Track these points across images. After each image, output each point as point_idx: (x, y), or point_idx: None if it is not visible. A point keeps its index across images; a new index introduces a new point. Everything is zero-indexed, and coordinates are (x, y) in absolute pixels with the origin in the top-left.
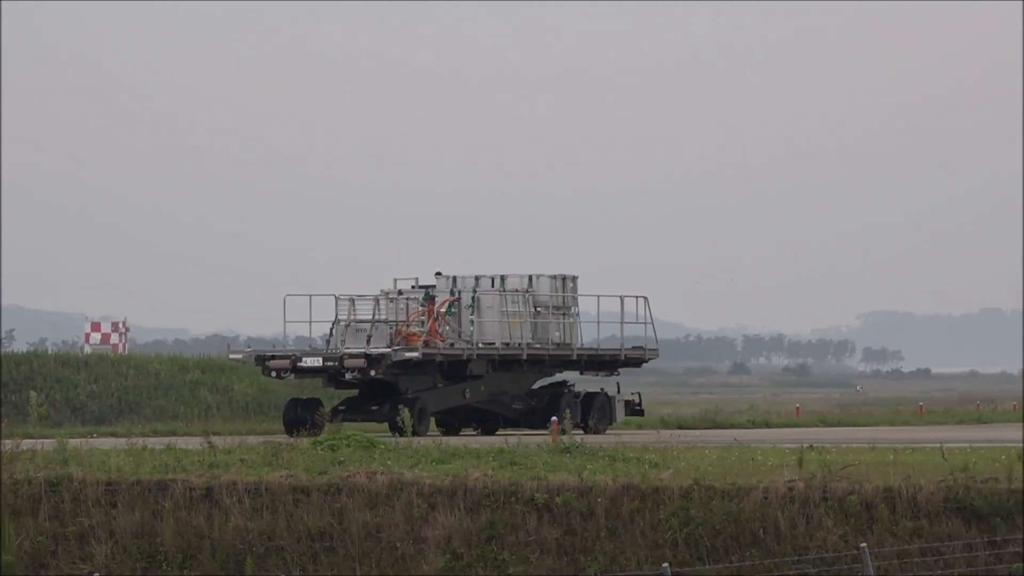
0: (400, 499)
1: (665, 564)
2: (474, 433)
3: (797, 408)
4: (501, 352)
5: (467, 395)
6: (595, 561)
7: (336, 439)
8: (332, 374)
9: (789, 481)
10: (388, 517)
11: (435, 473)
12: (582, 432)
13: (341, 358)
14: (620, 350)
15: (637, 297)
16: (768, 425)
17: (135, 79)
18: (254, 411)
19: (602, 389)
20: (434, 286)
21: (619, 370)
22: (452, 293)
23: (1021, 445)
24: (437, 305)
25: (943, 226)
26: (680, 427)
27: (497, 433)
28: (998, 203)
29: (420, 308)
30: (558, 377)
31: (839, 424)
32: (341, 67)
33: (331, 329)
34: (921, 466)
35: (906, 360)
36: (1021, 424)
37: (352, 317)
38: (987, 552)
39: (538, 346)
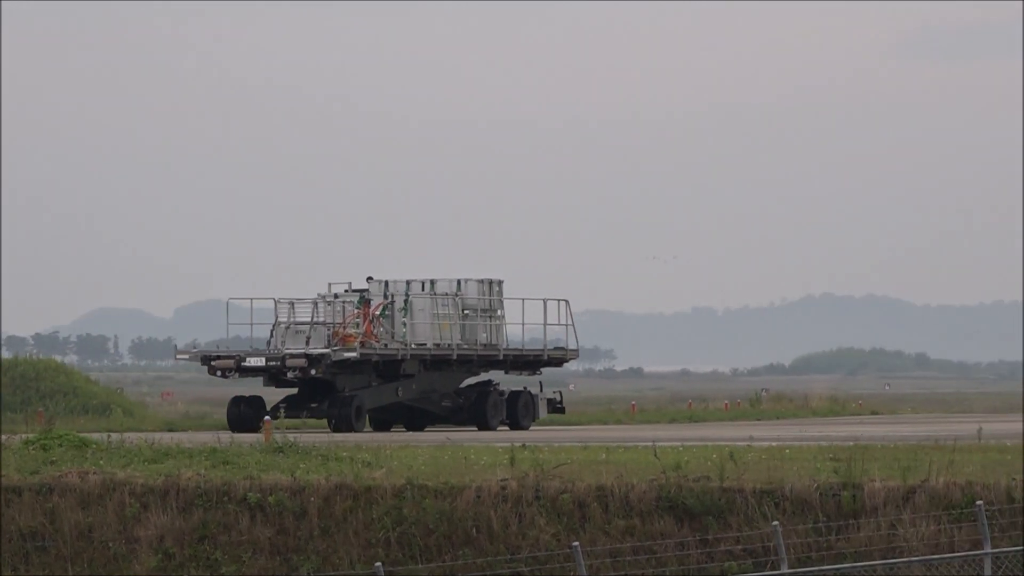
0: (112, 499)
1: (378, 564)
2: (402, 430)
3: None
4: (433, 353)
5: (399, 393)
6: (308, 560)
7: (48, 438)
8: (273, 373)
9: (502, 480)
10: (100, 517)
11: (147, 473)
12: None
13: (283, 358)
14: (543, 350)
15: (559, 300)
16: None
17: None
18: None
19: (525, 388)
20: (367, 290)
21: (541, 370)
22: (385, 297)
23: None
24: (372, 308)
25: (656, 225)
26: (393, 427)
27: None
28: (713, 207)
29: (356, 311)
30: (483, 376)
31: (551, 423)
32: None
33: (271, 331)
34: (633, 464)
35: (618, 359)
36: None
37: (292, 319)
38: (699, 551)
39: (466, 347)
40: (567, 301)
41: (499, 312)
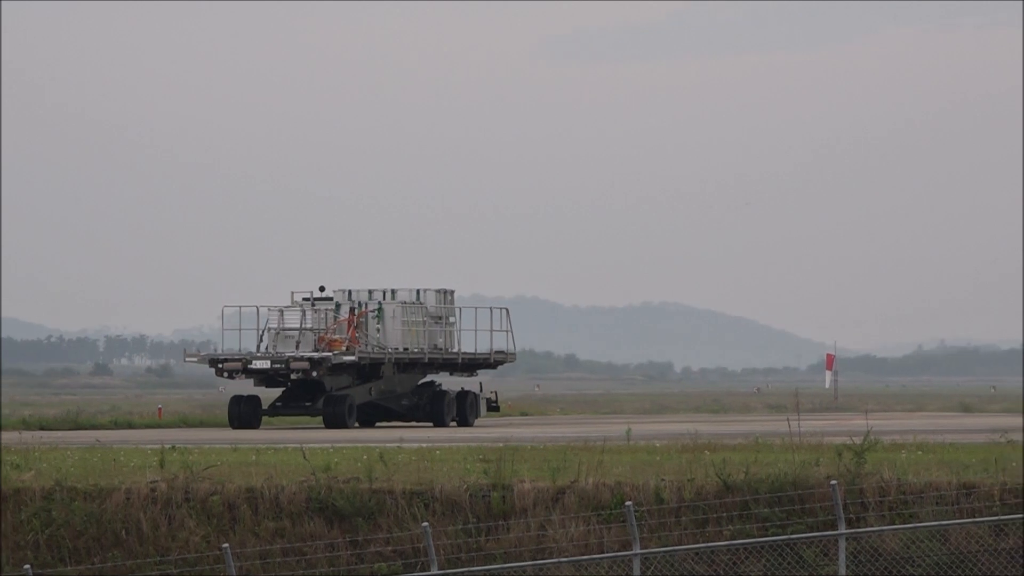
0: None
1: (27, 566)
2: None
3: (159, 409)
4: (410, 356)
5: (372, 393)
6: None
7: None
8: (273, 375)
9: (151, 482)
10: None
11: None
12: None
13: (287, 361)
14: (490, 354)
15: (501, 309)
16: (131, 426)
17: None
18: None
19: (462, 388)
20: (331, 298)
21: (477, 371)
22: (361, 306)
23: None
24: (356, 315)
25: (361, 218)
26: (42, 428)
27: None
28: (368, 202)
29: (336, 318)
30: (427, 378)
31: (201, 425)
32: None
33: (261, 335)
34: (284, 466)
35: None
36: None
37: (281, 325)
38: (349, 552)
39: (431, 350)
40: (507, 310)
41: (451, 319)
